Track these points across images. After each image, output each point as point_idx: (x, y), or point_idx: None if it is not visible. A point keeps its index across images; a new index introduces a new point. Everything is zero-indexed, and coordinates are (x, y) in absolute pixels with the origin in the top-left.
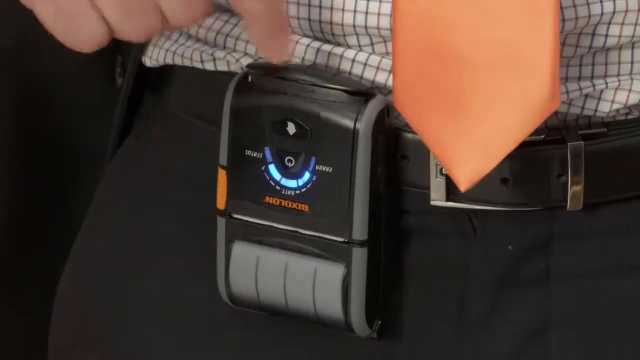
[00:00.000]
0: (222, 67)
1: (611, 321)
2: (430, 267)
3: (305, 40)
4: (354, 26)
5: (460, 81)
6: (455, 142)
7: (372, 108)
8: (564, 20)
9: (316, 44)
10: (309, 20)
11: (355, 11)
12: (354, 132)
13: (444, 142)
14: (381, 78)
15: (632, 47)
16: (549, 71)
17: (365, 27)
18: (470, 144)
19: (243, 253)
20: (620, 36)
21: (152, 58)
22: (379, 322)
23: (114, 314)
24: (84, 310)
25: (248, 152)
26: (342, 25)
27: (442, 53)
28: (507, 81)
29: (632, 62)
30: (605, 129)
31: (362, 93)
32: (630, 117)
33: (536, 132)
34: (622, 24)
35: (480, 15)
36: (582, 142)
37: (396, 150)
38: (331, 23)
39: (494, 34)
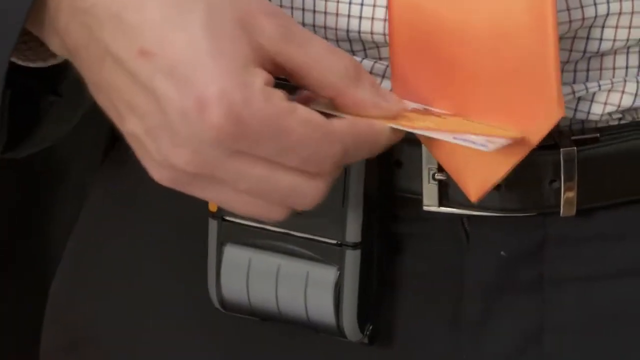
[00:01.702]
0: None
1: (605, 326)
2: (423, 272)
3: None
4: (347, 31)
5: (464, 94)
6: (463, 153)
7: None
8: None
9: None
10: (303, 25)
11: (349, 16)
12: None
13: (452, 154)
14: None
15: (627, 52)
16: (554, 79)
17: (359, 32)
18: (477, 155)
19: (235, 256)
20: (614, 40)
21: None
22: (370, 327)
23: (112, 314)
24: (80, 310)
25: None
26: (336, 29)
27: (444, 66)
28: (511, 93)
29: (626, 68)
30: (599, 135)
31: None
32: (623, 122)
33: None
34: (616, 27)
35: (482, 29)
36: (575, 148)
37: (390, 155)
38: (325, 28)
39: (495, 46)
